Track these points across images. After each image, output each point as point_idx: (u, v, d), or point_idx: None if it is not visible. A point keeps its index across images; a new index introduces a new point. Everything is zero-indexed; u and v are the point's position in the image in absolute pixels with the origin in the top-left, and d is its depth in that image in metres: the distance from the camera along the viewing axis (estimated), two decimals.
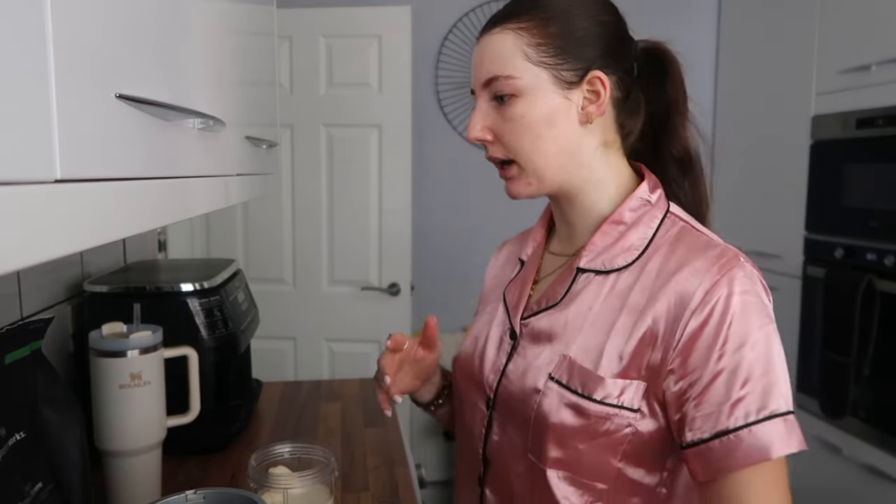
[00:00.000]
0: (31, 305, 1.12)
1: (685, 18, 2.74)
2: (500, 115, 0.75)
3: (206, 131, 0.69)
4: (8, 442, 0.78)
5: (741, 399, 0.64)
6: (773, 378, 0.65)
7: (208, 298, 1.23)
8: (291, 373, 2.57)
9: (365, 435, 1.37)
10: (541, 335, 0.77)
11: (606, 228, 0.76)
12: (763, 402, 0.64)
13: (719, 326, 0.66)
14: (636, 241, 0.75)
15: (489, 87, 0.75)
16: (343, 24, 2.40)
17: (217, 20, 0.79)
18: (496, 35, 0.75)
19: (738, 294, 0.66)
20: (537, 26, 0.73)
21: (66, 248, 0.38)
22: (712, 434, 0.65)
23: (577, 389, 0.71)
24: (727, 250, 0.70)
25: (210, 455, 1.25)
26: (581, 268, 0.77)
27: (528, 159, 0.75)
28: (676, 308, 0.68)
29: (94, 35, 0.42)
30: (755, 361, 0.65)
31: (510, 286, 0.87)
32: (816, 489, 2.17)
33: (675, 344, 0.67)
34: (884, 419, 1.88)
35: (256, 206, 2.49)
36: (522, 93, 0.73)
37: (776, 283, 2.37)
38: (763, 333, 0.67)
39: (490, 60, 0.75)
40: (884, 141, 1.88)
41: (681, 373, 0.67)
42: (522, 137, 0.74)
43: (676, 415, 0.68)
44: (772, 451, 0.63)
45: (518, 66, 0.73)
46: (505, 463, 0.79)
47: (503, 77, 0.73)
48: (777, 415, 0.64)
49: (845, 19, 2.04)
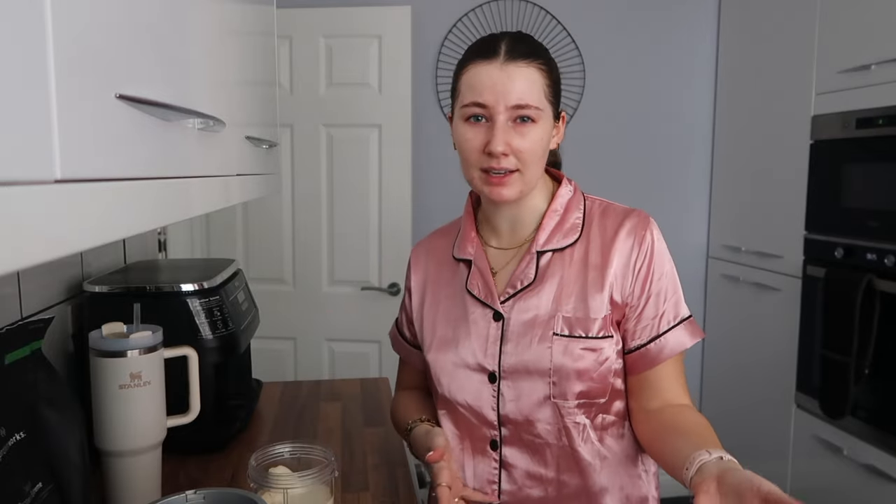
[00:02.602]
0: (31, 305, 1.12)
1: (685, 18, 2.74)
2: (517, 133, 0.91)
3: (206, 131, 0.69)
4: (8, 442, 0.78)
5: (664, 313, 0.95)
6: (678, 294, 0.97)
7: (208, 298, 1.23)
8: (291, 373, 2.57)
9: (365, 435, 1.37)
10: (529, 308, 0.97)
11: (549, 217, 0.99)
12: (676, 311, 0.95)
13: (649, 266, 0.95)
14: (574, 220, 0.99)
15: (516, 110, 0.90)
16: (343, 24, 2.40)
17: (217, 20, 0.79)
18: (525, 69, 0.91)
19: (655, 241, 0.96)
20: (549, 72, 0.94)
21: (66, 248, 0.38)
22: (649, 339, 0.94)
23: (580, 334, 0.94)
24: (640, 212, 0.98)
25: (210, 455, 1.25)
26: (540, 250, 0.98)
27: (531, 170, 0.93)
28: (625, 260, 0.95)
29: (94, 35, 0.42)
30: (669, 284, 0.96)
31: (470, 282, 1.02)
32: (816, 489, 2.17)
33: (629, 285, 0.95)
34: (884, 419, 1.88)
35: (256, 206, 2.49)
36: (539, 120, 0.92)
37: (776, 283, 2.37)
38: (669, 264, 0.97)
39: (522, 89, 0.90)
40: (884, 141, 1.88)
41: (629, 301, 0.95)
42: (534, 154, 0.92)
43: (623, 331, 0.96)
44: (685, 344, 0.94)
45: (541, 100, 0.92)
46: (524, 417, 0.96)
47: (533, 106, 0.90)
48: (685, 318, 0.95)
49: (845, 19, 2.04)
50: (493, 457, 0.99)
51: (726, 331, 2.72)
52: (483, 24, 2.64)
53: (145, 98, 0.49)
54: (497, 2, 2.64)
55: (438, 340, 1.02)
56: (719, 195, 2.79)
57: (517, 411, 0.96)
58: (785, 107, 2.32)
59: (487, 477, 0.99)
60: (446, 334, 1.02)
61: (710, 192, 2.86)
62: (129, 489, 0.98)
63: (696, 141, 2.84)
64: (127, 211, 0.48)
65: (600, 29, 2.71)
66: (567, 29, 2.67)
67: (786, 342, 2.30)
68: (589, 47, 2.67)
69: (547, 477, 0.97)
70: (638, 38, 2.74)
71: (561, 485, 0.97)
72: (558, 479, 0.96)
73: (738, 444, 2.65)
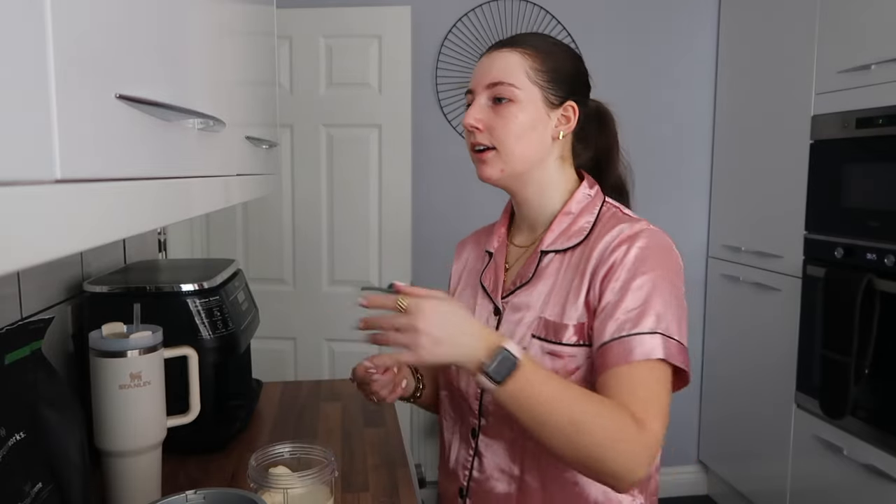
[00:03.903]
0: (31, 305, 1.12)
1: (685, 18, 2.74)
2: (494, 112, 0.95)
3: (206, 131, 0.69)
4: (8, 442, 0.78)
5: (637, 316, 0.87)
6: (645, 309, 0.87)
7: (208, 298, 1.23)
8: (291, 373, 2.57)
9: (365, 435, 1.37)
10: (520, 306, 0.99)
11: (560, 218, 1.00)
12: (636, 323, 0.87)
13: (614, 271, 0.90)
14: (583, 224, 0.99)
15: (492, 89, 0.95)
16: (343, 24, 2.40)
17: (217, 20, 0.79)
18: (505, 52, 0.96)
19: (635, 248, 0.90)
20: (537, 56, 0.95)
21: (66, 248, 0.38)
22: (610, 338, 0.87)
23: (551, 339, 0.94)
24: (639, 222, 0.95)
25: (210, 455, 1.25)
26: (544, 250, 0.99)
27: (508, 149, 0.95)
28: (596, 262, 0.92)
29: (94, 35, 0.42)
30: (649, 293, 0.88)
31: (485, 274, 1.07)
32: (816, 489, 2.17)
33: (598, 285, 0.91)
34: (884, 419, 1.88)
35: (256, 206, 2.49)
36: (518, 100, 0.94)
37: (776, 283, 2.37)
38: (648, 277, 0.89)
39: (498, 69, 0.95)
40: (884, 141, 1.88)
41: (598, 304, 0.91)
42: (510, 132, 0.95)
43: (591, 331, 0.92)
44: (653, 353, 0.85)
45: (520, 80, 0.94)
46: (499, 411, 0.96)
47: (507, 83, 0.94)
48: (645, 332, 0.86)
49: (845, 19, 2.04)
50: (472, 444, 1.03)
51: (726, 331, 2.72)
52: (483, 24, 2.64)
53: (145, 98, 0.49)
54: (497, 2, 2.64)
55: None
56: (719, 195, 2.79)
57: (494, 403, 0.98)
58: (785, 107, 2.32)
59: (463, 462, 1.04)
60: None
61: (710, 192, 2.86)
62: (129, 489, 0.98)
63: (696, 141, 2.83)
64: (127, 211, 0.48)
65: (600, 29, 2.71)
66: (567, 29, 2.67)
67: (786, 342, 2.30)
68: (589, 47, 2.67)
69: (512, 473, 0.98)
70: (638, 38, 2.74)
71: (523, 484, 0.97)
72: (521, 478, 0.97)
73: (738, 444, 2.65)
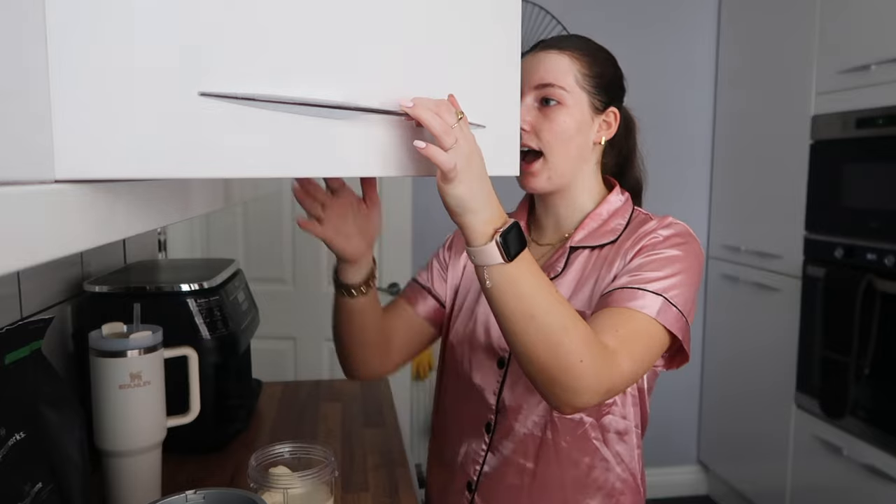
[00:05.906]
0: (31, 305, 1.12)
1: (685, 18, 2.74)
2: (541, 114, 0.95)
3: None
4: (8, 442, 0.78)
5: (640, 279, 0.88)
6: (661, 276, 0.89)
7: (208, 298, 1.23)
8: (291, 373, 2.57)
9: (365, 435, 1.37)
10: None
11: (592, 217, 1.01)
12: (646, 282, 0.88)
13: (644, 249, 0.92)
14: (615, 225, 1.00)
15: (541, 90, 0.95)
16: None
17: None
18: (553, 54, 0.96)
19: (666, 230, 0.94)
20: (585, 61, 0.96)
21: (66, 248, 0.38)
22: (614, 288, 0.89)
23: None
24: (666, 217, 0.98)
25: (210, 455, 1.25)
26: (574, 246, 1.00)
27: (555, 154, 0.95)
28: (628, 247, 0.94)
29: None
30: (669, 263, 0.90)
31: None
32: (816, 489, 2.18)
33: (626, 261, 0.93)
34: (884, 419, 1.88)
35: (256, 206, 2.49)
36: (566, 103, 0.95)
37: (776, 283, 2.37)
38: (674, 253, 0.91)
39: (546, 70, 0.95)
40: (884, 141, 1.88)
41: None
42: (558, 136, 0.95)
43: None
44: (646, 309, 0.86)
45: (569, 83, 0.95)
46: (521, 404, 0.99)
47: (558, 86, 0.94)
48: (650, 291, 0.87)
49: (845, 19, 2.04)
50: (485, 439, 1.03)
51: (726, 331, 2.72)
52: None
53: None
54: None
55: (465, 311, 1.07)
56: (719, 195, 2.79)
57: (512, 398, 1.00)
58: (785, 107, 2.32)
59: (473, 456, 1.04)
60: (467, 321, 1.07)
61: (710, 192, 2.85)
62: (129, 489, 0.98)
63: (696, 141, 2.83)
64: (127, 211, 0.48)
65: (600, 29, 2.70)
66: (567, 29, 2.67)
67: (785, 342, 2.30)
68: None
69: (525, 466, 0.99)
70: (638, 38, 2.73)
71: (537, 477, 0.99)
72: (535, 471, 0.99)
73: (738, 444, 2.65)
